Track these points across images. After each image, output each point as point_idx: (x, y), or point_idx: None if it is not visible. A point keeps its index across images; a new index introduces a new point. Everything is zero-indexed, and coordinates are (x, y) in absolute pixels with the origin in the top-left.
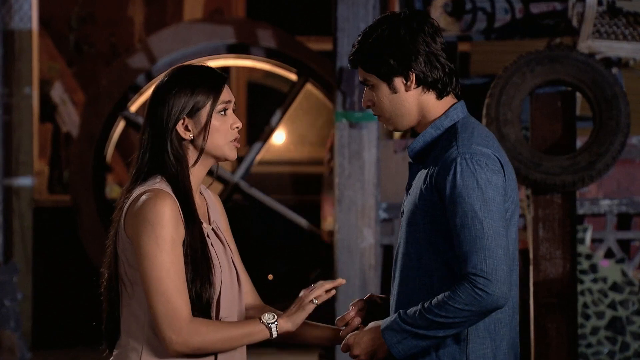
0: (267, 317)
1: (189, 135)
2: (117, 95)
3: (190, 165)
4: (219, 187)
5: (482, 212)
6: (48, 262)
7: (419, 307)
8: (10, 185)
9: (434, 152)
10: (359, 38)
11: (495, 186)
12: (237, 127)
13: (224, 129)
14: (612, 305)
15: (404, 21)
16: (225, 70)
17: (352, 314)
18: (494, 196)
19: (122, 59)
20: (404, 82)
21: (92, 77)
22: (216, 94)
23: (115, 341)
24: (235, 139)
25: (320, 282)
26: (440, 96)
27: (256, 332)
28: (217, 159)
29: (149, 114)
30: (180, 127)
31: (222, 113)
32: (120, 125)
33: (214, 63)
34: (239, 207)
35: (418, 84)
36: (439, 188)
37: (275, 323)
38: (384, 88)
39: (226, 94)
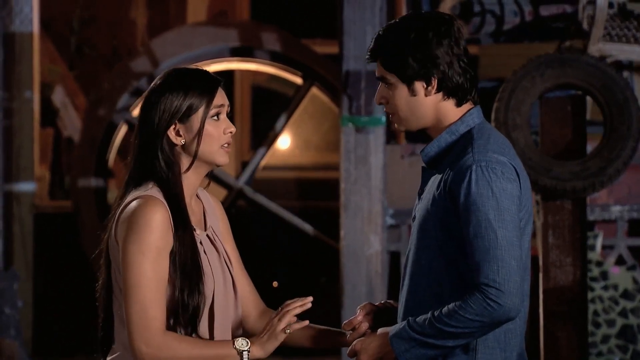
0: (240, 343)
1: (180, 141)
2: (119, 100)
3: (182, 171)
4: (223, 192)
5: (496, 221)
6: (49, 269)
7: (429, 315)
8: (10, 190)
9: (448, 158)
10: (382, 32)
11: (511, 195)
12: (231, 132)
13: (217, 134)
14: (623, 313)
15: (432, 24)
16: (229, 73)
17: (360, 318)
18: (508, 205)
19: (125, 63)
20: (425, 86)
21: (94, 80)
22: (209, 97)
23: (109, 349)
24: (227, 144)
25: (288, 304)
26: (459, 104)
27: (227, 355)
28: (208, 164)
29: (141, 118)
30: (171, 132)
31: (215, 118)
32: (123, 130)
33: (218, 66)
34: (243, 213)
35: (439, 90)
36: (453, 195)
37: (247, 351)
38: (403, 89)
39: (220, 98)
